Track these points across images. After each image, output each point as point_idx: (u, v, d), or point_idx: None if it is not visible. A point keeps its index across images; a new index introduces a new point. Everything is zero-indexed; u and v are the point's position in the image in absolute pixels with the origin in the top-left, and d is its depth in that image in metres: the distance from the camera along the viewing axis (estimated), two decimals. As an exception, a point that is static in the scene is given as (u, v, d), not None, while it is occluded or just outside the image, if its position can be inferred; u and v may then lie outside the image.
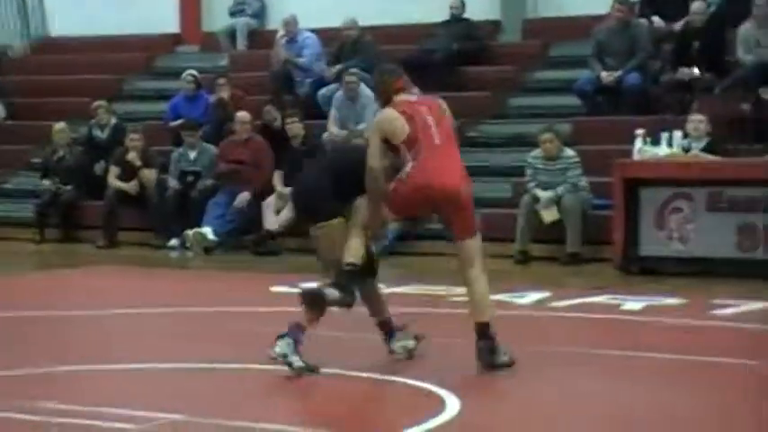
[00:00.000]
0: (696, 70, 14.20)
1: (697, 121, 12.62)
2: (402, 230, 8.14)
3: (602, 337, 8.86)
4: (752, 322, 9.10)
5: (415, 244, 14.41)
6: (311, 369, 7.49)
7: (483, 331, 7.68)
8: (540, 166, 13.54)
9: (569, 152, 13.56)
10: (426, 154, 7.51)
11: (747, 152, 12.90)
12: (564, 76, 15.98)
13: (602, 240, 12.90)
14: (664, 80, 14.56)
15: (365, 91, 15.65)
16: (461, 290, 10.81)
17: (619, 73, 14.76)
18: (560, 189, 13.32)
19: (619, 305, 10.12)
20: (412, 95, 7.81)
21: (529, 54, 16.93)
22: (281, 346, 7.45)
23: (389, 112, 7.64)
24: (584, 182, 13.47)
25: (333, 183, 7.65)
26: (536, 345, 8.51)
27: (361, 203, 7.65)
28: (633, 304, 10.10)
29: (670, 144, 12.47)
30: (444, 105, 7.87)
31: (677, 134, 12.55)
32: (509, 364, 7.64)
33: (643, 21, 15.31)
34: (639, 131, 12.63)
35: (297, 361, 7.45)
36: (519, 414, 6.80)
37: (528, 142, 14.26)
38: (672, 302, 10.22)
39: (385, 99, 7.79)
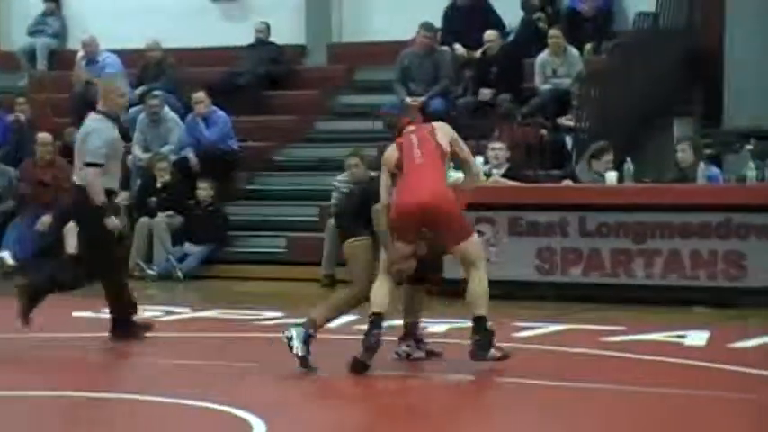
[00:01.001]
0: (489, 91, 14.57)
1: (497, 149, 12.87)
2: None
3: (401, 360, 8.94)
4: (549, 344, 9.28)
5: (220, 267, 14.34)
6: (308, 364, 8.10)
7: (478, 325, 8.14)
8: (346, 190, 13.60)
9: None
10: (407, 175, 8.17)
11: (546, 178, 13.21)
12: (369, 100, 16.12)
13: (406, 264, 12.99)
14: (462, 103, 14.85)
15: (169, 114, 15.52)
16: (270, 314, 10.88)
17: (423, 98, 14.98)
18: (366, 213, 13.40)
19: (423, 327, 10.19)
20: (413, 126, 8.45)
21: (334, 78, 17.04)
22: (292, 331, 8.16)
23: (390, 146, 8.42)
24: (389, 206, 13.57)
25: (360, 209, 8.41)
26: (341, 366, 8.54)
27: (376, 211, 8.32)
28: (437, 327, 10.20)
29: (473, 169, 12.66)
30: (441, 129, 8.45)
31: (479, 159, 12.77)
32: (501, 358, 8.12)
33: (446, 48, 15.59)
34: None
35: (302, 350, 8.13)
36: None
37: (334, 166, 14.33)
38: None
39: (397, 134, 8.51)
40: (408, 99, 15.04)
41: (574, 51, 14.92)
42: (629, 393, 7.67)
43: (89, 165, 9.44)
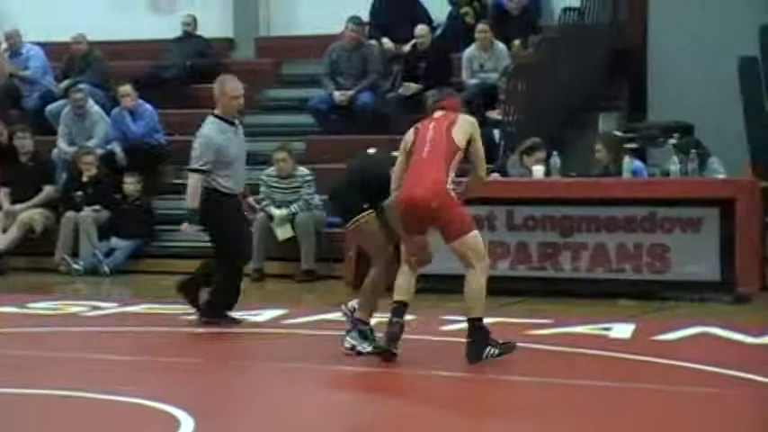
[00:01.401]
0: (415, 86, 14.63)
1: (425, 143, 12.90)
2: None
3: (336, 354, 8.95)
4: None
5: (148, 262, 14.26)
6: (385, 350, 8.24)
7: (473, 326, 8.19)
8: (275, 184, 13.61)
9: (303, 170, 13.68)
10: (410, 168, 8.25)
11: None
12: (297, 94, 16.12)
13: (336, 258, 13.04)
14: (390, 97, 14.89)
15: (93, 107, 15.40)
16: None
17: (351, 92, 15.01)
18: (294, 207, 13.42)
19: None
20: (440, 113, 8.44)
21: (262, 72, 16.99)
22: (348, 341, 8.41)
23: (409, 132, 8.44)
24: (317, 200, 13.60)
25: (360, 187, 8.54)
26: (271, 362, 8.55)
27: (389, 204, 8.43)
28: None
29: (401, 163, 12.71)
30: (463, 125, 8.34)
31: (408, 153, 12.81)
32: (499, 354, 8.14)
33: (374, 42, 15.63)
34: (371, 150, 12.80)
35: (366, 347, 8.40)
36: (254, 430, 6.81)
37: (262, 160, 14.30)
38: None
39: (429, 114, 8.55)
40: (336, 93, 15.09)
41: (501, 46, 15.02)
42: (554, 385, 7.74)
43: (191, 170, 9.84)
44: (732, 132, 12.72)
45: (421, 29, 15.23)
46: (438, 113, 8.47)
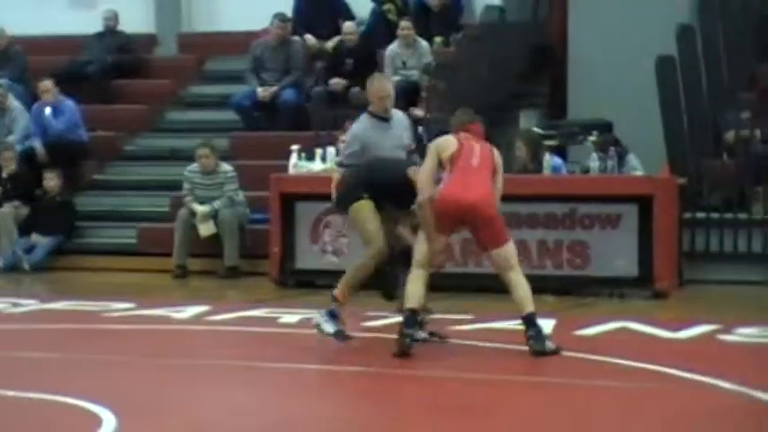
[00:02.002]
0: (340, 81, 14.67)
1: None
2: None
3: (259, 350, 8.98)
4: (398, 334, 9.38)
5: (69, 259, 14.18)
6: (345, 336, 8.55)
7: (530, 321, 8.42)
8: (198, 181, 13.59)
9: (226, 167, 13.67)
10: (460, 172, 8.46)
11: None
12: (220, 90, 16.10)
13: (259, 254, 13.05)
14: (315, 93, 14.91)
15: (14, 103, 15.28)
16: (120, 305, 10.82)
17: (275, 89, 15.02)
18: (217, 203, 13.41)
19: (276, 318, 10.27)
20: (472, 135, 8.80)
21: (185, 68, 16.94)
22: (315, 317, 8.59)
23: (447, 136, 8.78)
24: (240, 196, 13.61)
25: (366, 184, 8.80)
26: (195, 358, 8.55)
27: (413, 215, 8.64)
28: (290, 317, 10.27)
29: (324, 159, 12.76)
30: (496, 152, 8.78)
31: (331, 150, 12.86)
32: (556, 351, 8.37)
33: (297, 38, 15.64)
34: (295, 147, 12.88)
35: (329, 329, 8.62)
36: (179, 428, 6.81)
37: (185, 156, 14.27)
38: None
39: (453, 130, 8.88)
40: (260, 90, 15.08)
41: (423, 43, 15.10)
42: (477, 381, 7.82)
43: (336, 164, 9.91)
44: (650, 130, 12.89)
45: (349, 26, 15.26)
46: (469, 135, 8.76)
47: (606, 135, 12.50)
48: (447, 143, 8.68)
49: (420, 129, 14.08)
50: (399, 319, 9.37)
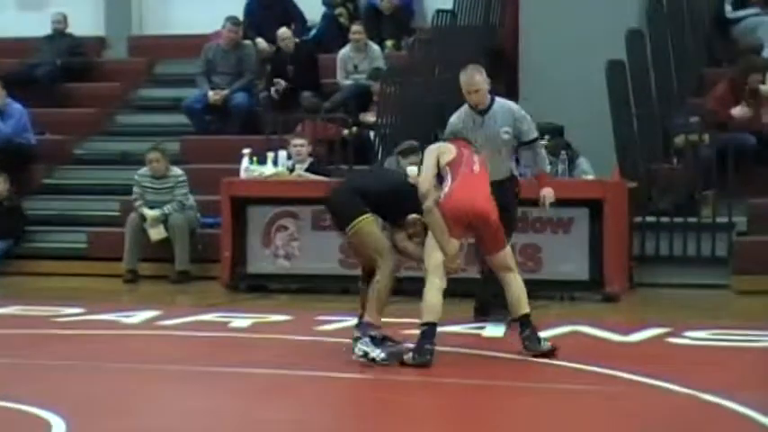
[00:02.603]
0: (282, 82, 14.64)
1: (299, 145, 12.93)
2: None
3: (211, 355, 8.95)
4: (351, 337, 9.36)
5: (19, 263, 14.06)
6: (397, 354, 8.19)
7: (524, 322, 8.49)
8: (148, 185, 13.52)
9: (177, 171, 13.62)
10: (463, 179, 8.41)
11: (349, 172, 13.34)
12: (171, 94, 16.04)
13: (211, 258, 13.00)
14: (265, 97, 14.90)
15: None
16: (70, 310, 10.75)
17: (226, 92, 14.98)
18: (167, 207, 13.35)
19: (227, 322, 10.24)
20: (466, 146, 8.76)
21: (135, 71, 16.87)
22: (359, 347, 8.21)
23: (444, 143, 8.80)
24: (191, 200, 13.55)
25: (358, 193, 8.47)
26: (146, 363, 8.51)
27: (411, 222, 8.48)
28: (241, 321, 10.24)
29: (275, 163, 12.74)
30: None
31: (282, 154, 12.85)
32: (553, 351, 8.42)
33: (249, 42, 15.60)
34: (246, 151, 12.85)
35: (379, 354, 8.17)
36: (130, 433, 6.79)
37: (135, 160, 14.20)
38: (278, 319, 10.43)
39: (448, 139, 8.95)
40: (211, 93, 15.03)
41: (375, 47, 15.12)
42: (433, 384, 7.83)
43: None
44: (601, 134, 12.94)
45: (283, 32, 15.17)
46: (467, 146, 8.74)
47: (557, 139, 12.55)
48: (447, 148, 8.62)
49: (372, 133, 14.14)
50: (352, 322, 9.39)
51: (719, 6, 14.78)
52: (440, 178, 8.51)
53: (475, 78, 9.36)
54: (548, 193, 9.70)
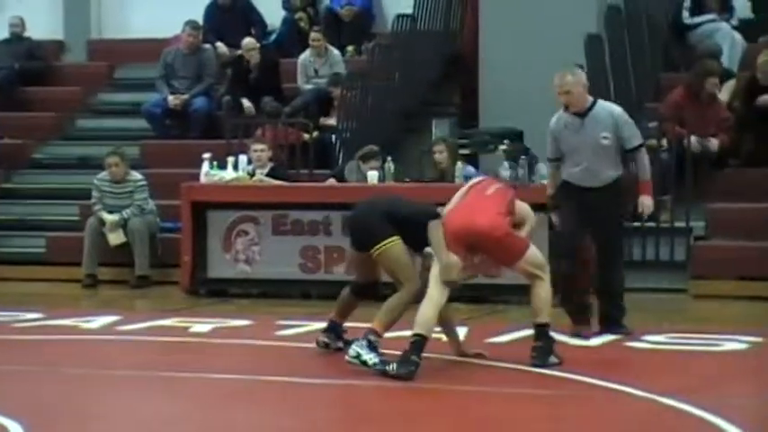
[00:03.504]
0: (247, 102, 14.62)
1: (259, 150, 12.91)
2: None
3: (171, 360, 8.93)
4: (312, 342, 9.37)
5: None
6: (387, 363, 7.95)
7: (541, 332, 8.28)
8: (107, 189, 13.47)
9: (136, 175, 13.57)
10: (470, 199, 8.35)
11: (310, 177, 13.36)
12: (130, 98, 15.98)
13: (171, 263, 12.96)
14: (226, 103, 14.87)
15: None
16: (29, 315, 10.71)
17: (186, 96, 14.95)
18: (126, 212, 13.30)
19: (188, 327, 10.22)
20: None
21: (95, 75, 16.79)
22: (354, 348, 8.05)
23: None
24: (151, 205, 13.51)
25: (387, 216, 8.34)
26: (105, 369, 8.48)
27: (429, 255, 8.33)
28: (201, 326, 10.22)
29: (236, 168, 12.73)
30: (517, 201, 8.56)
31: (243, 158, 12.83)
32: (558, 364, 8.21)
33: (209, 46, 15.58)
34: (207, 155, 12.82)
35: (373, 358, 7.98)
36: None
37: (95, 164, 14.14)
38: (239, 324, 10.42)
39: None
40: (171, 97, 15.00)
41: (335, 52, 15.12)
42: (395, 389, 7.84)
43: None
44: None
45: (248, 42, 15.08)
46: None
47: (517, 144, 12.59)
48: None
49: (334, 137, 14.14)
50: (313, 326, 9.41)
51: (677, 12, 14.87)
52: None
53: (565, 79, 9.11)
54: (645, 202, 9.43)
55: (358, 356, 8.08)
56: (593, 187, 9.19)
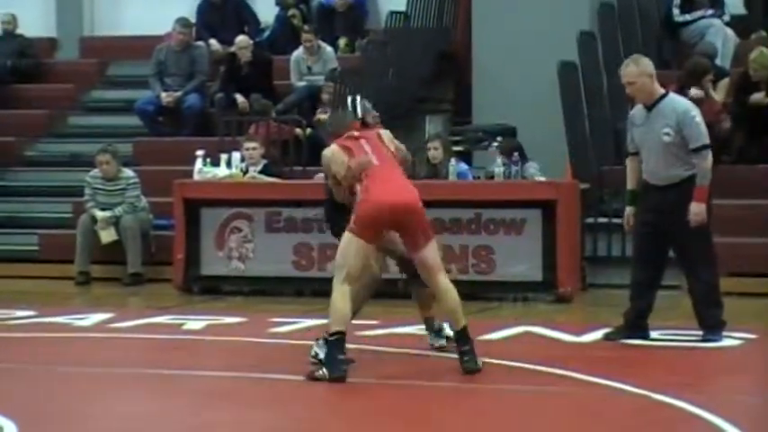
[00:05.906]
0: (240, 98, 14.56)
1: (251, 148, 12.90)
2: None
3: (164, 358, 8.92)
4: (307, 339, 9.37)
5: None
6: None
7: (462, 337, 7.94)
8: (99, 186, 13.45)
9: (128, 172, 13.56)
10: (372, 175, 7.89)
11: (302, 174, 13.35)
12: (123, 95, 15.98)
13: (164, 261, 12.96)
14: (218, 100, 14.86)
15: None
16: (22, 313, 10.69)
17: (179, 94, 14.93)
18: (118, 209, 13.29)
19: (181, 325, 10.21)
20: (354, 132, 8.17)
21: (87, 72, 16.78)
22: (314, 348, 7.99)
23: (332, 147, 8.12)
24: (143, 202, 13.49)
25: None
26: (99, 367, 8.47)
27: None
28: (194, 324, 10.21)
29: (229, 165, 12.72)
30: (385, 135, 8.25)
31: (236, 155, 12.82)
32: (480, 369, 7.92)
33: (201, 43, 15.56)
34: (199, 152, 12.81)
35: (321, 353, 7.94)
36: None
37: (87, 162, 14.13)
38: (232, 321, 10.41)
39: (334, 137, 8.26)
40: (163, 95, 14.98)
41: (328, 49, 15.11)
42: (385, 386, 7.84)
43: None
44: (553, 135, 13.00)
45: (241, 40, 15.07)
46: (354, 133, 8.18)
47: (510, 140, 12.60)
48: (336, 155, 8.07)
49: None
50: (309, 324, 9.41)
51: (668, 9, 14.88)
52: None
53: (627, 69, 8.76)
54: (693, 209, 8.73)
55: (316, 356, 8.07)
56: (660, 185, 8.81)
